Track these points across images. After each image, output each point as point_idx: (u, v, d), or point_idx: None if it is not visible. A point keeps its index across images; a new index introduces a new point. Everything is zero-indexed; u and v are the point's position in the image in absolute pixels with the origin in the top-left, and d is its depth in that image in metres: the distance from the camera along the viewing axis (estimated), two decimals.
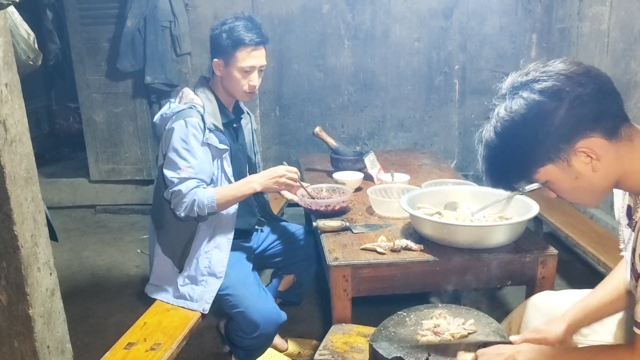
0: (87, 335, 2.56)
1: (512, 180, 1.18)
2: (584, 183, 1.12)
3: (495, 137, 1.11)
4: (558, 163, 1.10)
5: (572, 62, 1.10)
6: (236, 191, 2.00)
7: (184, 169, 1.93)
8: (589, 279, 2.91)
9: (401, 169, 2.75)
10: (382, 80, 4.14)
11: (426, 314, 1.53)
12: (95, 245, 3.71)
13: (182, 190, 1.91)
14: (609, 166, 1.10)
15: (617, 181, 1.14)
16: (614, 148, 1.09)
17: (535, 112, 1.06)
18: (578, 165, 1.10)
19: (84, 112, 4.20)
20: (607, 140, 1.08)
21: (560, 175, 1.12)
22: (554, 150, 1.09)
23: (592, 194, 1.15)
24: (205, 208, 1.93)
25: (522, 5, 3.94)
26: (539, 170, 1.12)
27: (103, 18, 3.94)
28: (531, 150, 1.09)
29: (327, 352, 1.58)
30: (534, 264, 1.78)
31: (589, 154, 1.08)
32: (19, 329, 1.36)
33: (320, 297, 2.80)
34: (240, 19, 2.04)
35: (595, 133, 1.07)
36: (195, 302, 1.98)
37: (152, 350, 1.71)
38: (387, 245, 1.79)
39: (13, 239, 1.28)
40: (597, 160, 1.09)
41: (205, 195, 1.93)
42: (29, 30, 1.91)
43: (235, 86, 2.05)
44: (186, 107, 1.99)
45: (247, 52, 2.00)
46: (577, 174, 1.11)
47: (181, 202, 1.92)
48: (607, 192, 1.16)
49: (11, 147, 1.26)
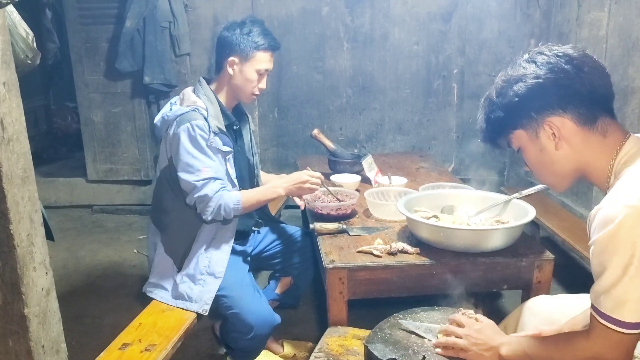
0: (83, 335, 2.55)
1: (494, 135, 1.28)
2: (547, 159, 1.21)
3: (493, 92, 1.24)
4: (528, 131, 1.20)
5: (580, 49, 1.19)
6: (261, 195, 2.03)
7: (203, 170, 1.93)
8: (585, 284, 2.90)
9: (399, 172, 2.75)
10: (380, 83, 4.14)
11: (422, 316, 1.53)
12: (92, 245, 3.70)
13: (208, 194, 1.91)
14: (574, 151, 1.18)
15: (581, 170, 1.20)
16: (583, 135, 1.16)
17: (522, 75, 1.18)
18: (544, 138, 1.19)
19: (82, 112, 4.19)
20: (577, 125, 1.16)
21: (528, 144, 1.22)
22: (527, 117, 1.19)
23: (554, 174, 1.24)
24: (231, 212, 1.95)
25: (521, 10, 3.95)
26: (513, 132, 1.23)
27: (102, 18, 3.94)
28: (511, 109, 1.20)
29: (323, 355, 1.58)
30: (530, 268, 1.78)
31: (554, 130, 1.16)
32: (14, 328, 1.35)
33: (317, 300, 2.80)
34: (256, 23, 2.08)
35: (567, 114, 1.15)
36: (195, 303, 1.98)
37: (147, 351, 1.71)
38: (383, 248, 1.79)
39: (9, 238, 1.28)
40: (560, 140, 1.17)
41: (231, 200, 1.94)
42: (28, 30, 1.91)
43: (246, 86, 2.07)
44: (189, 109, 1.98)
45: (266, 55, 2.06)
46: (542, 148, 1.20)
47: (207, 207, 1.93)
48: (569, 178, 1.23)
49: (8, 146, 1.25)
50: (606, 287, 1.08)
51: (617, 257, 1.05)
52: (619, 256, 1.05)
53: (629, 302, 1.06)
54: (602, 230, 1.07)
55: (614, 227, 1.04)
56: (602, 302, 1.10)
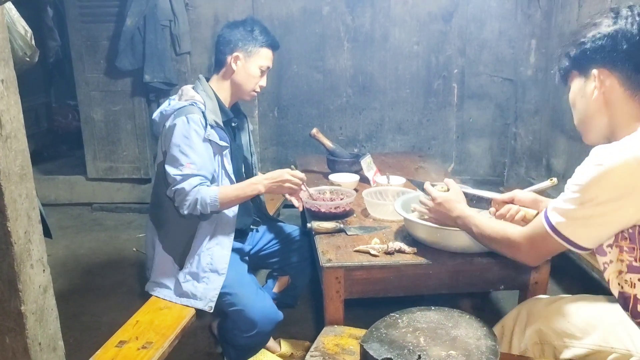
0: (80, 333, 2.55)
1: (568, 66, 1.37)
2: (583, 103, 1.32)
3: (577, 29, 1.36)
4: (582, 72, 1.32)
5: None
6: (239, 191, 2.00)
7: (186, 165, 1.93)
8: (582, 285, 2.92)
9: (398, 171, 2.75)
10: (380, 83, 4.14)
11: (419, 316, 1.53)
12: (91, 243, 3.71)
13: (185, 188, 1.92)
14: (608, 105, 1.27)
15: (610, 128, 1.29)
16: (623, 97, 1.26)
17: (597, 23, 1.27)
18: (588, 85, 1.30)
19: (83, 110, 4.20)
20: (620, 85, 1.25)
21: (577, 83, 1.34)
22: (586, 60, 1.29)
23: (584, 121, 1.35)
24: (207, 207, 1.94)
25: (521, 11, 3.95)
26: (573, 71, 1.34)
27: (103, 16, 3.94)
28: (580, 50, 1.30)
29: (318, 354, 1.58)
30: (527, 269, 1.78)
31: (599, 79, 1.26)
32: (11, 325, 1.36)
33: (314, 299, 2.80)
34: (258, 23, 2.13)
35: (617, 72, 1.25)
36: (200, 301, 1.98)
37: (144, 349, 1.71)
38: (380, 247, 1.80)
39: (6, 235, 1.28)
40: (599, 91, 1.27)
41: (208, 194, 1.93)
42: (26, 27, 1.91)
43: (249, 82, 2.10)
44: (187, 103, 1.99)
45: (269, 52, 2.12)
46: (583, 92, 1.32)
47: (184, 200, 1.93)
48: (597, 131, 1.33)
49: (6, 143, 1.26)
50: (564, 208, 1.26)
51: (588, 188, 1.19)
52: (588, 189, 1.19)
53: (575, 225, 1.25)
54: (591, 167, 1.18)
55: (602, 167, 1.16)
56: (557, 216, 1.28)
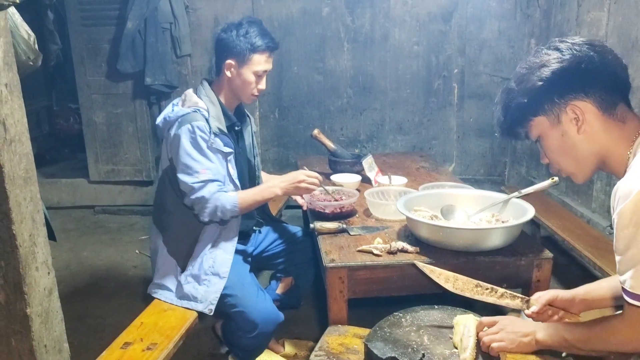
0: (85, 335, 2.56)
1: (513, 125, 1.28)
2: (569, 143, 1.22)
3: (512, 81, 1.25)
4: (550, 117, 1.21)
5: (599, 41, 1.23)
6: (258, 196, 2.03)
7: (201, 172, 1.93)
8: (584, 283, 2.91)
9: (399, 172, 2.76)
10: (381, 84, 4.15)
11: (422, 315, 1.54)
12: (94, 246, 3.72)
13: (205, 196, 1.92)
14: (595, 136, 1.19)
15: (601, 156, 1.21)
16: (604, 121, 1.18)
17: (546, 61, 1.19)
18: (565, 123, 1.20)
19: (84, 113, 4.21)
20: (599, 110, 1.18)
21: (549, 130, 1.23)
22: (550, 102, 1.20)
23: (576, 160, 1.24)
24: (228, 213, 1.95)
25: (521, 10, 3.96)
26: (533, 118, 1.23)
27: (104, 19, 3.96)
28: (534, 94, 1.20)
29: (323, 353, 1.58)
30: (529, 267, 1.79)
31: (577, 113, 1.18)
32: (17, 327, 1.36)
33: (318, 299, 2.80)
34: (254, 24, 2.06)
35: (590, 99, 1.17)
36: (200, 303, 1.98)
37: (149, 350, 1.72)
38: (383, 247, 1.80)
39: (11, 238, 1.29)
40: (582, 124, 1.18)
41: (228, 201, 1.94)
42: (29, 31, 1.92)
43: (245, 88, 2.07)
44: (190, 110, 1.99)
45: (263, 56, 2.05)
46: (563, 132, 1.21)
47: (204, 208, 1.93)
48: (590, 164, 1.23)
49: (10, 147, 1.27)
50: (631, 264, 1.08)
51: None
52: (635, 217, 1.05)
53: None
54: (624, 202, 1.07)
55: (635, 197, 1.05)
56: (629, 282, 1.09)
